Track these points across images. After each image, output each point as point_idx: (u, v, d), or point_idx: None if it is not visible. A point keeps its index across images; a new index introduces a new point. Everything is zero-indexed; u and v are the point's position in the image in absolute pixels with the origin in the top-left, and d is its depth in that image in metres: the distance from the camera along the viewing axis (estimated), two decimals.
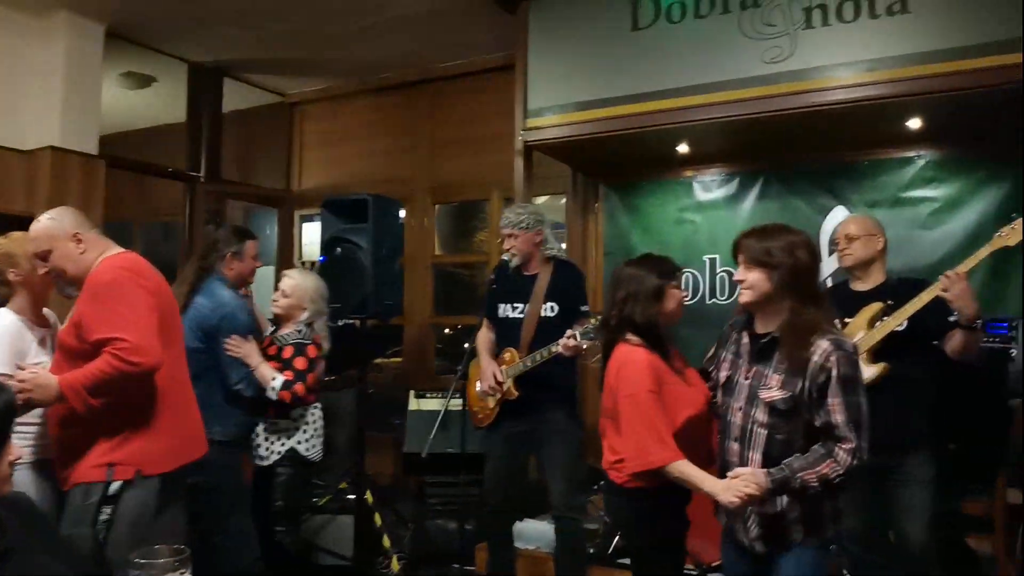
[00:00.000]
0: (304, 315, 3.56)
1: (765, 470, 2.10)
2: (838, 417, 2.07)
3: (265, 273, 6.57)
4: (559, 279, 3.57)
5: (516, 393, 3.48)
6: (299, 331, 3.50)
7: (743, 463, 2.19)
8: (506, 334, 3.59)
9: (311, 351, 3.46)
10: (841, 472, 2.06)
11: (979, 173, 4.29)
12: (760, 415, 2.18)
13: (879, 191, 4.52)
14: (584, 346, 3.23)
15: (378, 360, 6.34)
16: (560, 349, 3.28)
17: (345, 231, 4.22)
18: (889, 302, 2.93)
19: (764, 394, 2.17)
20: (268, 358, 3.41)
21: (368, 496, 4.14)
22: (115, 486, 2.27)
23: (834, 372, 2.07)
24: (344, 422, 4.93)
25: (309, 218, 6.54)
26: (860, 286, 3.11)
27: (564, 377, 3.54)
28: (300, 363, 3.40)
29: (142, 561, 1.38)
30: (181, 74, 6.02)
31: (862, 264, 3.10)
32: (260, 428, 3.47)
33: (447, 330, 6.35)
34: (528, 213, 3.57)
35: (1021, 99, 3.56)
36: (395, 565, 3.93)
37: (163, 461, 2.37)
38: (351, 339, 4.84)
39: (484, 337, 3.70)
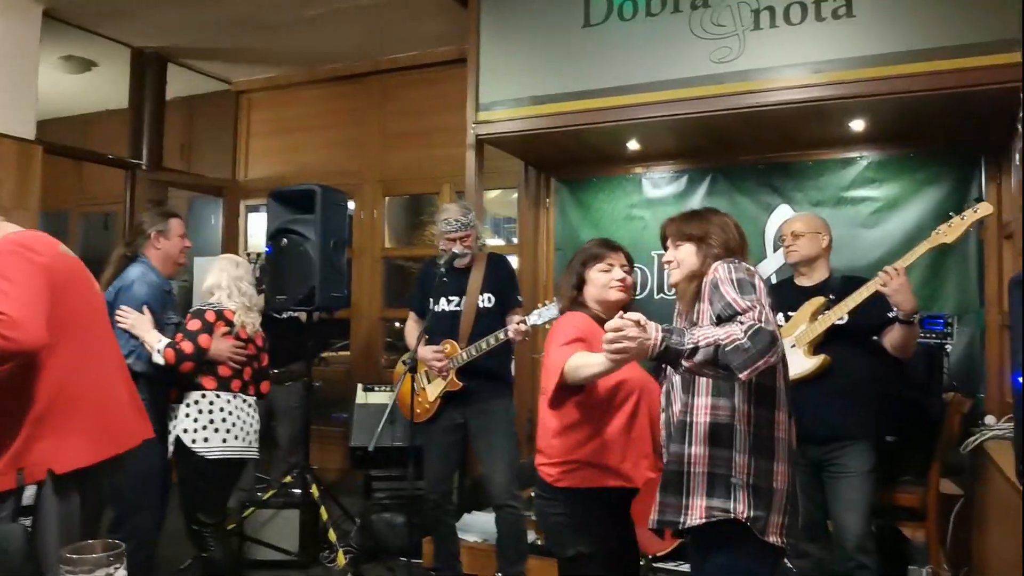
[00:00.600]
0: (215, 296, 3.38)
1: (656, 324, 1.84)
2: (736, 300, 1.85)
3: (208, 265, 6.47)
4: (493, 271, 3.68)
5: (459, 384, 3.53)
6: (206, 303, 3.37)
7: (668, 406, 2.04)
8: (443, 327, 3.62)
9: (209, 315, 3.27)
10: (744, 339, 1.74)
11: (919, 174, 4.43)
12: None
13: (822, 191, 4.63)
14: (531, 330, 3.31)
15: (325, 354, 6.27)
16: (511, 334, 3.37)
17: (292, 222, 4.15)
18: (831, 296, 3.01)
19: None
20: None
21: (314, 490, 4.09)
22: (30, 491, 2.15)
23: (721, 275, 1.92)
24: (289, 417, 4.86)
25: (255, 208, 6.43)
26: (804, 282, 3.19)
27: (502, 368, 3.64)
28: (193, 324, 3.22)
29: (74, 557, 1.33)
30: (123, 59, 5.86)
31: (807, 260, 3.17)
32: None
33: (397, 324, 6.30)
34: (469, 211, 3.67)
35: (961, 103, 3.69)
36: (341, 559, 3.89)
37: (78, 457, 2.24)
38: (295, 332, 4.79)
39: (413, 330, 3.77)
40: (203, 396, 3.26)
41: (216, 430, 3.23)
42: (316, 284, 4.03)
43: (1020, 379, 2.11)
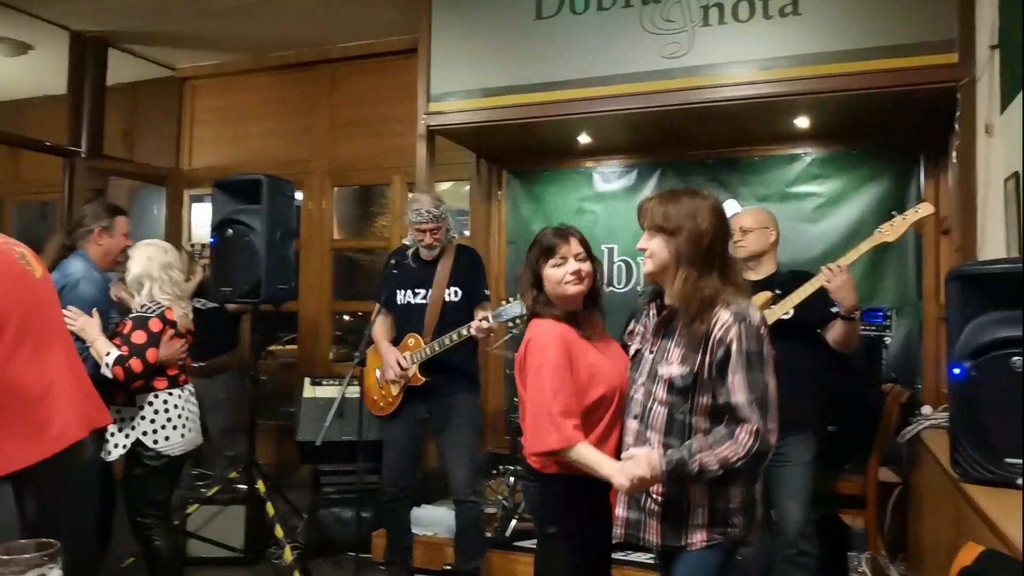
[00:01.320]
0: (146, 287, 3.24)
1: (660, 451, 1.95)
2: (739, 396, 1.89)
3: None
4: (461, 264, 3.60)
5: (422, 379, 3.48)
6: (143, 305, 3.23)
7: (640, 443, 2.04)
8: (408, 320, 3.57)
9: (153, 324, 3.14)
10: (742, 456, 1.87)
11: (861, 171, 4.55)
12: (660, 392, 2.02)
13: (768, 186, 4.72)
14: (494, 327, 3.25)
15: (272, 347, 6.18)
16: (473, 332, 3.32)
17: (237, 212, 4.07)
18: (777, 291, 3.06)
19: (663, 369, 2.01)
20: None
21: (260, 485, 4.02)
22: None
23: (734, 347, 1.91)
24: (220, 410, 4.78)
25: (199, 198, 6.28)
26: (752, 276, 3.23)
27: (467, 362, 3.58)
28: (138, 337, 3.10)
29: (5, 558, 1.29)
30: (62, 42, 5.66)
31: (755, 255, 3.22)
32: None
33: (347, 317, 6.24)
34: (441, 203, 3.58)
35: (900, 102, 3.79)
36: (288, 555, 3.84)
37: (12, 459, 2.15)
38: (221, 323, 4.71)
39: (381, 325, 3.66)
40: (156, 396, 3.18)
41: (175, 427, 3.20)
42: (262, 276, 3.96)
43: (955, 370, 2.18)
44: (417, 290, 3.58)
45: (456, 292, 3.56)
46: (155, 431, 3.15)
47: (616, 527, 2.09)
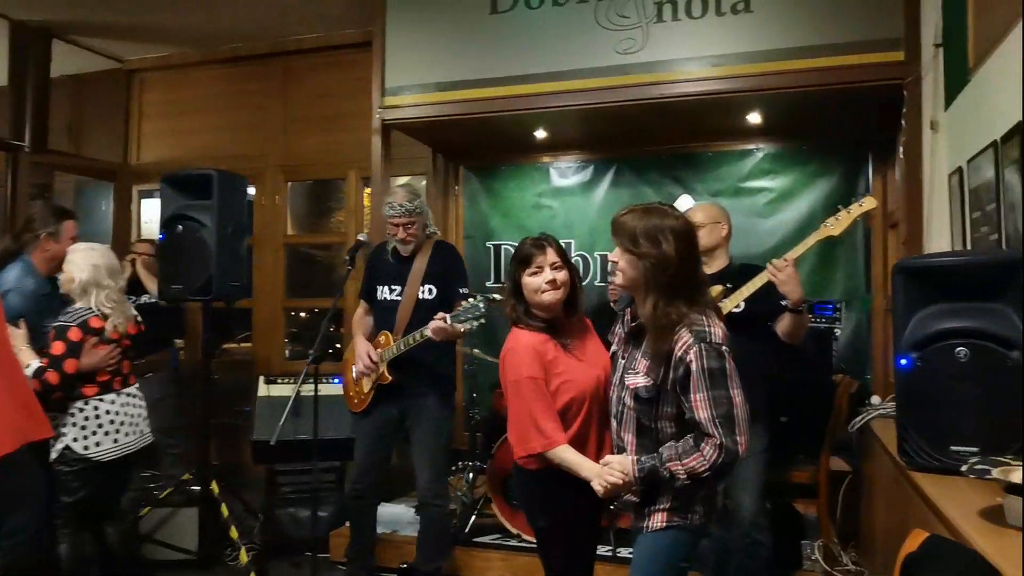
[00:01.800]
0: (93, 295, 3.17)
1: (634, 458, 2.06)
2: (702, 414, 1.98)
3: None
4: (437, 261, 3.51)
5: (389, 377, 3.40)
6: (68, 312, 3.15)
7: (621, 441, 2.16)
8: (384, 317, 3.50)
9: (72, 334, 3.06)
10: (707, 468, 1.97)
11: (811, 166, 4.64)
12: (628, 399, 2.13)
13: (721, 181, 4.79)
14: (461, 329, 3.15)
15: (227, 345, 6.07)
16: (429, 333, 3.19)
17: (187, 208, 3.98)
18: (728, 285, 3.09)
19: (629, 379, 2.12)
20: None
21: (214, 486, 3.96)
22: None
23: (694, 366, 1.98)
24: (156, 409, 4.68)
25: (149, 194, 6.14)
26: (704, 270, 3.27)
27: (439, 361, 3.48)
28: (56, 348, 3.02)
29: None
30: (2, 32, 5.47)
31: (707, 250, 3.24)
32: None
33: (303, 314, 6.16)
34: (416, 198, 3.47)
35: (849, 98, 3.86)
36: (244, 557, 3.78)
37: None
38: (155, 320, 4.62)
39: (360, 319, 3.62)
40: (87, 403, 3.13)
41: (106, 433, 3.15)
42: (213, 273, 3.88)
43: (902, 361, 2.23)
44: (393, 286, 3.51)
45: (431, 290, 3.47)
46: (85, 437, 3.11)
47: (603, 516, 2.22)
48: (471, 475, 4.16)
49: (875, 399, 3.76)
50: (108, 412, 3.18)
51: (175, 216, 4.01)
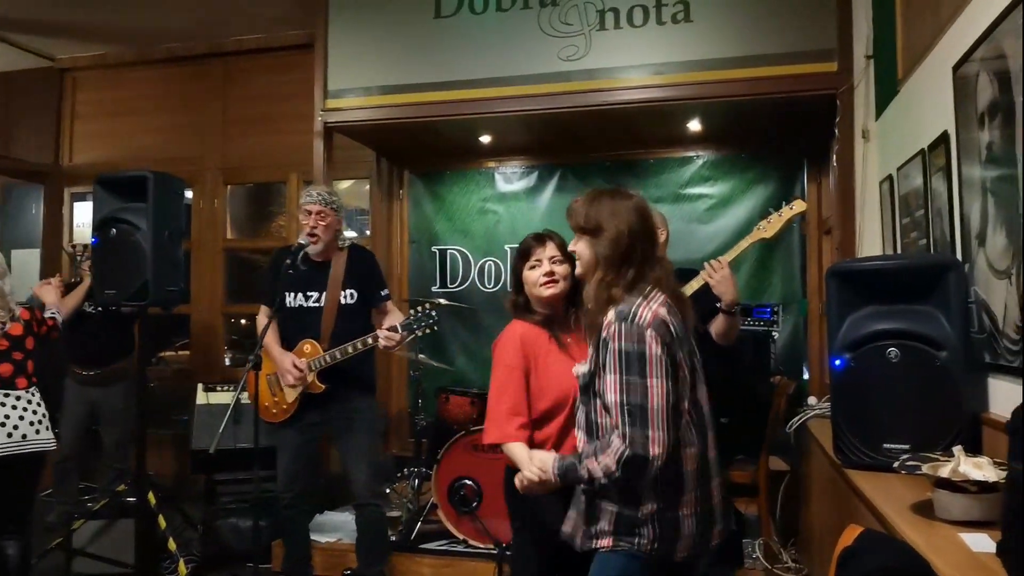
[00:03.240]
0: None
1: (556, 455, 1.99)
2: (609, 396, 1.85)
3: (30, 257, 5.92)
4: (355, 265, 3.46)
5: (321, 387, 3.35)
6: None
7: (578, 440, 2.05)
8: (302, 324, 3.41)
9: None
10: (615, 464, 1.80)
11: (749, 174, 4.75)
12: (577, 391, 2.05)
13: (662, 187, 4.87)
14: (407, 338, 3.13)
15: (164, 352, 5.91)
16: (382, 343, 3.18)
17: (121, 211, 3.85)
18: None
19: (575, 368, 2.04)
20: None
21: (151, 497, 3.84)
22: None
23: (611, 346, 1.86)
24: (115, 420, 4.56)
25: (81, 196, 5.94)
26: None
27: (363, 365, 3.46)
28: None
29: None
30: None
31: None
32: None
33: (243, 320, 6.03)
34: (335, 196, 3.44)
35: (784, 108, 3.97)
36: (183, 569, 3.68)
37: None
38: (115, 329, 4.49)
39: (271, 329, 3.45)
40: None
41: None
42: (149, 278, 3.76)
43: (836, 362, 2.30)
44: (309, 292, 3.42)
45: (352, 294, 3.42)
46: None
47: (565, 525, 2.06)
48: (416, 481, 4.13)
49: (812, 400, 3.86)
50: None
51: (108, 219, 3.87)
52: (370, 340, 3.24)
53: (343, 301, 3.41)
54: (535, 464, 2.02)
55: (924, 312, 2.16)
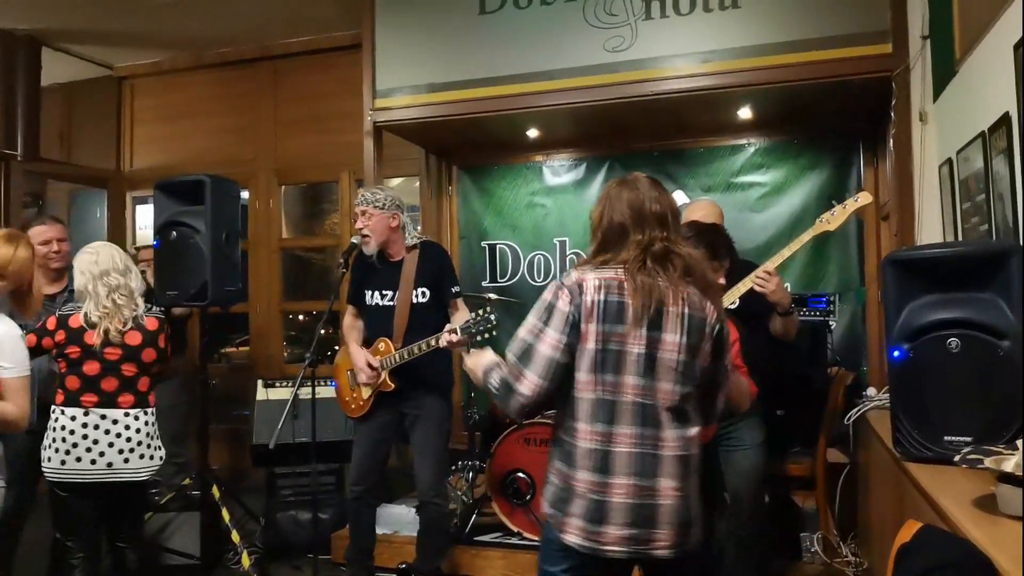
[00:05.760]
0: (84, 304, 3.00)
1: (497, 359, 2.08)
2: (527, 320, 1.98)
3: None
4: (427, 263, 3.48)
5: (392, 385, 3.40)
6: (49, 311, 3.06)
7: None
8: (377, 322, 3.46)
9: (50, 321, 2.97)
10: (495, 382, 1.98)
11: (802, 160, 4.65)
12: None
13: (713, 176, 4.80)
14: (467, 341, 3.13)
15: (225, 349, 6.07)
16: (443, 343, 3.13)
17: (181, 214, 3.97)
18: (722, 282, 3.11)
19: None
20: None
21: (214, 491, 3.96)
22: None
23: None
24: (168, 416, 4.69)
25: (143, 200, 6.13)
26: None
27: (436, 361, 3.44)
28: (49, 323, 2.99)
29: None
30: None
31: None
32: None
33: (300, 317, 6.16)
34: (385, 194, 3.45)
35: (838, 92, 3.88)
36: (246, 560, 3.79)
37: None
38: (171, 327, 4.62)
39: (351, 326, 3.58)
40: (53, 410, 2.95)
41: (56, 450, 2.89)
42: (208, 278, 3.87)
43: (894, 353, 2.24)
44: (384, 291, 3.47)
45: (424, 293, 3.44)
46: (44, 447, 2.93)
47: None
48: (471, 475, 4.17)
49: (871, 391, 3.77)
50: (64, 428, 2.90)
51: (168, 222, 4.00)
52: (432, 341, 3.25)
53: (415, 300, 3.43)
54: (482, 355, 2.12)
55: (986, 300, 2.09)
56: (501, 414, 4.20)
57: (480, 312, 3.16)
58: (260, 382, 4.70)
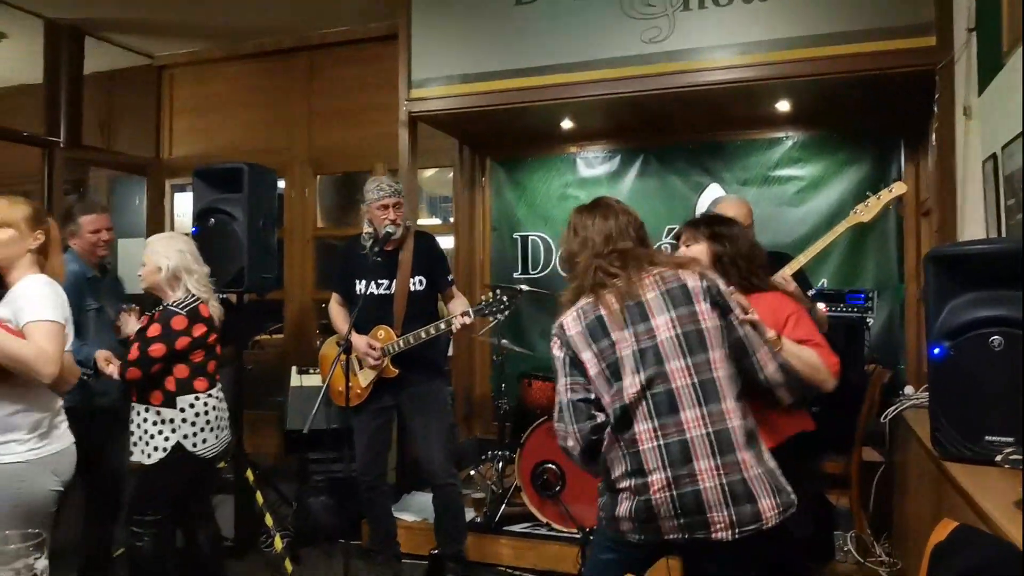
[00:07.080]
0: (181, 277, 3.08)
1: None
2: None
3: (137, 246, 6.25)
4: (422, 252, 3.57)
5: (395, 371, 3.47)
6: (175, 302, 3.06)
7: None
8: (371, 311, 3.50)
9: (176, 322, 3.00)
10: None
11: (841, 154, 4.57)
12: None
13: (750, 170, 4.74)
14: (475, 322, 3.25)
15: (259, 336, 6.15)
16: (457, 327, 3.33)
17: (218, 201, 4.04)
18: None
19: None
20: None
21: (248, 475, 4.02)
22: None
23: None
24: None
25: (181, 188, 6.23)
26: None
27: (437, 353, 3.61)
28: (152, 330, 3.00)
29: None
30: (36, 31, 5.56)
31: None
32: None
33: None
34: (399, 182, 3.57)
35: (878, 85, 3.81)
36: (278, 544, 3.85)
37: None
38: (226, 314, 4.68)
39: (342, 314, 3.63)
40: (197, 399, 3.05)
41: (212, 430, 3.10)
42: (245, 265, 3.93)
43: (935, 350, 2.20)
44: (380, 280, 3.53)
45: (421, 281, 3.54)
46: (195, 434, 3.04)
47: None
48: (500, 464, 4.19)
49: (908, 389, 3.71)
50: (215, 408, 3.12)
51: (207, 209, 4.07)
52: (443, 325, 3.36)
53: (412, 288, 3.52)
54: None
55: None
56: (530, 405, 4.21)
57: (492, 294, 3.23)
58: (294, 369, 4.76)
